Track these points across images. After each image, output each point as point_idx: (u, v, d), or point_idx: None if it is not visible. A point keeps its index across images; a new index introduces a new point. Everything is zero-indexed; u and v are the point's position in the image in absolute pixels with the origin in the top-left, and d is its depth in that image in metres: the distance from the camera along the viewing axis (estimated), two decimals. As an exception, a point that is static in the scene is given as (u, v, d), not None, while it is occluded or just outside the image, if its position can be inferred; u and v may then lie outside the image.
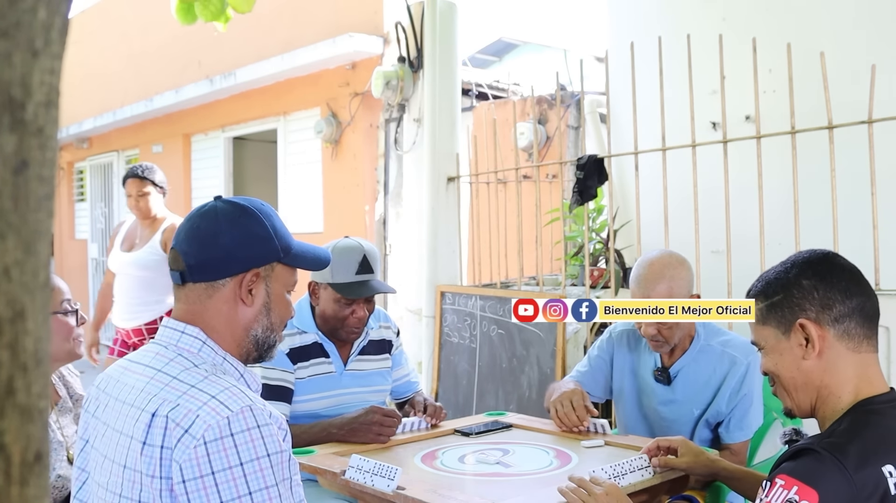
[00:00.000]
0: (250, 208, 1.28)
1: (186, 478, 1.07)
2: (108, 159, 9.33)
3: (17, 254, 0.44)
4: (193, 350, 1.22)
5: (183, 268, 1.25)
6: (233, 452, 1.08)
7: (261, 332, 1.28)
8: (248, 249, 1.25)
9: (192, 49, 7.29)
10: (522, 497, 1.64)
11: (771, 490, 1.15)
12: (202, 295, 1.25)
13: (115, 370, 1.28)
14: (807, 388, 1.27)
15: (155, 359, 1.22)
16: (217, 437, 1.08)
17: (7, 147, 0.43)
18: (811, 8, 3.24)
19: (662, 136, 3.08)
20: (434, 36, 4.21)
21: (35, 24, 0.44)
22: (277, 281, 1.29)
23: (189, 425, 1.09)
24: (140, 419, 1.13)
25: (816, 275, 1.27)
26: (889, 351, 2.44)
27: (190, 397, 1.12)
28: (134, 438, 1.12)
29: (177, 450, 1.08)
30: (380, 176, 5.64)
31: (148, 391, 1.16)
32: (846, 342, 1.25)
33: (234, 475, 1.07)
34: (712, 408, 2.15)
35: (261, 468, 1.09)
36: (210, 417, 1.09)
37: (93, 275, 9.67)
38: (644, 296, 2.07)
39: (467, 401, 3.84)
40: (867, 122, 2.55)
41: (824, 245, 1.87)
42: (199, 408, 1.10)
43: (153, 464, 1.10)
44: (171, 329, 1.25)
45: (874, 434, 1.18)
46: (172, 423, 1.10)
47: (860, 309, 1.25)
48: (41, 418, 0.45)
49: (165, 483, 1.09)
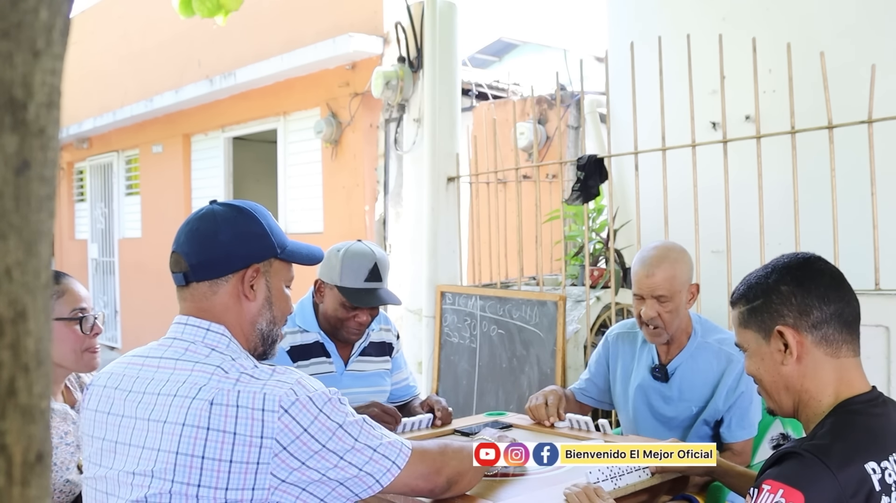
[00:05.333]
0: (245, 208, 1.35)
1: (286, 443, 1.17)
2: (108, 159, 9.33)
3: (18, 255, 0.44)
4: (222, 345, 1.28)
5: (185, 268, 1.30)
6: (311, 405, 1.20)
7: (265, 326, 1.34)
8: (247, 246, 1.32)
9: (192, 49, 7.29)
10: (522, 497, 1.64)
11: (759, 496, 1.17)
12: (207, 293, 1.31)
13: (122, 367, 1.31)
14: (788, 392, 1.29)
15: (186, 354, 1.27)
16: (293, 401, 1.18)
17: (9, 147, 0.43)
18: (811, 8, 3.24)
19: (662, 136, 3.08)
20: (434, 36, 4.21)
21: (37, 25, 0.44)
22: (276, 276, 1.36)
23: (262, 404, 1.17)
24: (192, 407, 1.17)
25: (794, 280, 1.27)
26: (889, 351, 2.44)
27: (245, 383, 1.19)
28: (187, 425, 1.17)
29: (265, 430, 1.16)
30: (380, 176, 5.64)
31: (192, 382, 1.21)
32: (824, 348, 1.25)
33: (321, 420, 1.20)
34: (710, 405, 2.16)
35: (336, 408, 1.23)
36: (277, 390, 1.18)
37: (93, 275, 9.67)
38: (647, 276, 2.13)
39: (467, 401, 3.84)
40: (867, 122, 2.55)
41: (824, 245, 1.87)
42: (262, 387, 1.19)
43: (224, 449, 1.16)
44: (195, 327, 1.29)
45: (855, 433, 1.19)
46: (245, 410, 1.16)
47: (838, 315, 1.25)
48: (43, 419, 0.45)
49: (241, 466, 1.16)
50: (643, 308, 2.14)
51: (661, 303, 2.11)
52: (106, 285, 9.48)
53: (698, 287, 2.22)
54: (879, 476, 1.15)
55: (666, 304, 2.11)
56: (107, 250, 9.45)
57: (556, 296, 3.44)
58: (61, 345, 1.67)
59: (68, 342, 1.68)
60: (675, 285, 2.11)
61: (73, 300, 1.70)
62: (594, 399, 2.44)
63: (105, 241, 9.50)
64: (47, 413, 0.46)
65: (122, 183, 9.14)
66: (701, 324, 2.24)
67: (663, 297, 2.11)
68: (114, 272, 9.27)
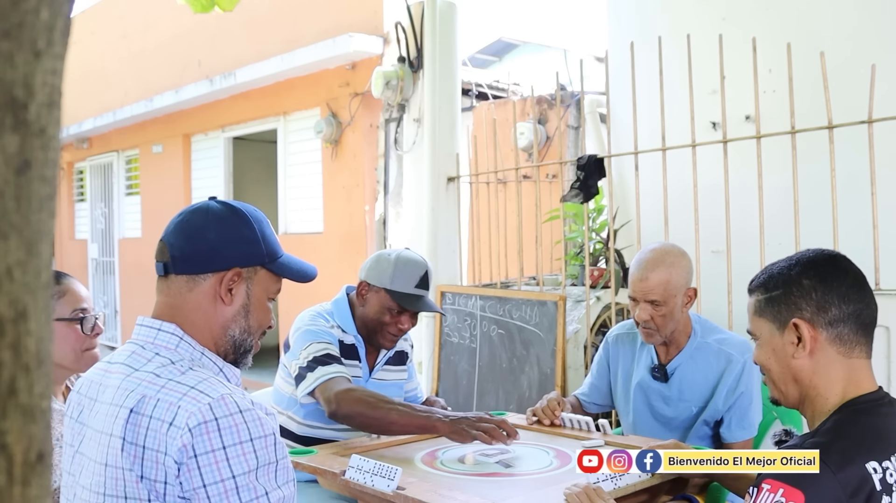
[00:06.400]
0: (242, 211, 1.30)
1: (180, 463, 1.09)
2: (108, 159, 9.33)
3: (19, 255, 0.44)
4: (171, 346, 1.23)
5: (167, 259, 1.27)
6: (216, 436, 1.09)
7: (238, 334, 1.28)
8: (233, 248, 1.26)
9: (192, 49, 7.29)
10: (522, 497, 1.64)
11: (758, 495, 1.16)
12: (183, 288, 1.26)
13: (94, 373, 1.28)
14: (795, 384, 1.28)
15: (131, 358, 1.22)
16: (200, 422, 1.09)
17: (9, 147, 0.43)
18: (811, 8, 3.24)
19: (662, 136, 3.08)
20: (434, 36, 4.21)
21: (37, 25, 0.44)
22: (259, 285, 1.30)
23: (172, 418, 1.10)
24: (119, 415, 1.14)
25: (818, 275, 1.27)
26: (889, 351, 2.44)
27: (168, 391, 1.13)
28: (113, 435, 1.13)
29: (168, 447, 1.09)
30: (380, 176, 5.64)
31: (125, 387, 1.16)
32: (838, 346, 1.25)
33: (217, 458, 1.08)
34: (710, 405, 2.16)
35: (244, 452, 1.10)
36: (191, 405, 1.10)
37: (92, 275, 9.67)
38: (641, 279, 2.13)
39: (467, 401, 3.84)
40: (867, 122, 2.55)
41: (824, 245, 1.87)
42: (180, 399, 1.12)
43: (136, 462, 1.11)
44: (148, 327, 1.26)
45: (857, 432, 1.19)
46: (157, 422, 1.11)
47: (856, 315, 1.25)
48: (43, 418, 0.45)
49: (150, 484, 1.10)
50: (637, 310, 2.15)
51: (654, 306, 2.12)
52: (106, 285, 9.48)
53: (696, 291, 2.21)
54: (881, 476, 1.14)
55: (659, 308, 2.12)
56: (107, 250, 9.45)
57: (556, 296, 3.44)
58: (62, 346, 1.66)
59: (69, 342, 1.68)
60: (670, 290, 2.11)
61: (74, 300, 1.70)
62: (599, 405, 2.44)
63: (105, 240, 9.49)
64: (48, 413, 0.46)
65: (122, 183, 9.14)
66: (700, 324, 2.24)
67: (656, 302, 2.11)
68: (114, 272, 9.26)
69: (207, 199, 1.34)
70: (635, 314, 2.16)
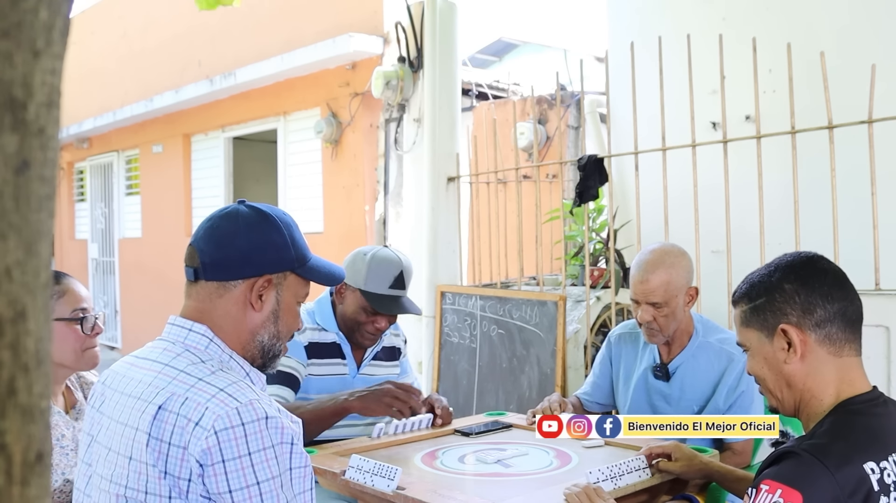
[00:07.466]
0: (271, 215, 1.29)
1: (204, 464, 1.10)
2: (108, 159, 9.33)
3: (18, 255, 0.44)
4: (200, 347, 1.24)
5: (197, 265, 1.27)
6: (242, 442, 1.11)
7: (267, 339, 1.29)
8: (264, 255, 1.27)
9: (192, 49, 7.29)
10: (522, 497, 1.64)
11: (757, 496, 1.17)
12: (213, 294, 1.26)
13: (121, 366, 1.30)
14: (790, 390, 1.28)
15: (162, 355, 1.23)
16: (227, 426, 1.10)
17: (8, 147, 0.43)
18: (811, 8, 3.24)
19: (662, 136, 3.08)
20: (434, 36, 4.21)
21: (36, 25, 0.44)
22: (289, 290, 1.30)
23: (199, 418, 1.11)
24: (146, 411, 1.15)
25: (798, 279, 1.27)
26: (889, 351, 2.44)
27: (198, 390, 1.14)
28: (139, 430, 1.14)
29: (191, 445, 1.10)
30: (380, 176, 5.64)
31: (155, 384, 1.17)
32: (828, 347, 1.25)
33: (243, 464, 1.10)
34: (711, 404, 2.16)
35: (267, 458, 1.12)
36: (219, 408, 1.11)
37: (93, 275, 9.67)
38: (641, 281, 2.13)
39: (467, 401, 3.84)
40: (867, 122, 2.56)
41: (824, 245, 1.87)
42: (208, 400, 1.13)
43: (161, 459, 1.12)
44: (179, 327, 1.27)
45: (854, 433, 1.19)
46: (183, 419, 1.12)
47: (842, 313, 1.25)
48: (42, 418, 0.45)
49: (174, 481, 1.11)
50: (639, 312, 2.16)
51: (656, 308, 2.13)
52: (106, 285, 9.48)
53: (697, 290, 2.22)
54: (878, 476, 1.14)
55: (661, 309, 2.13)
56: (107, 250, 9.45)
57: (556, 296, 3.44)
58: (62, 345, 1.66)
59: (69, 342, 1.68)
60: (670, 291, 2.12)
61: (74, 300, 1.70)
62: (601, 404, 2.44)
63: (105, 240, 9.49)
64: (47, 412, 0.46)
65: (122, 183, 9.14)
66: (702, 323, 2.25)
67: (658, 303, 2.12)
68: (114, 272, 9.26)
69: (236, 202, 1.33)
70: (637, 315, 2.17)
